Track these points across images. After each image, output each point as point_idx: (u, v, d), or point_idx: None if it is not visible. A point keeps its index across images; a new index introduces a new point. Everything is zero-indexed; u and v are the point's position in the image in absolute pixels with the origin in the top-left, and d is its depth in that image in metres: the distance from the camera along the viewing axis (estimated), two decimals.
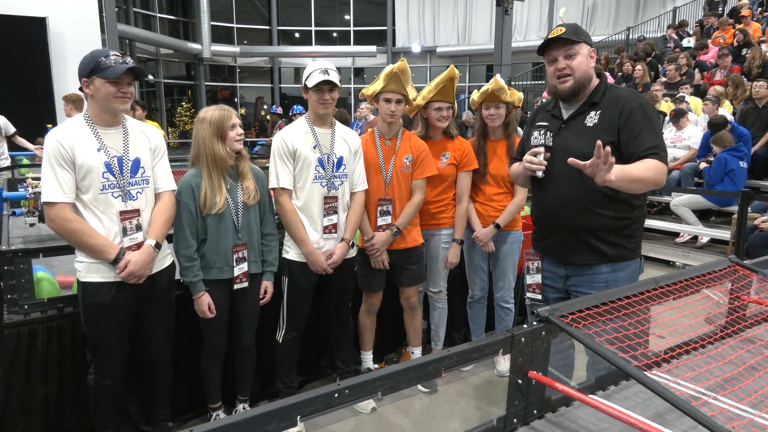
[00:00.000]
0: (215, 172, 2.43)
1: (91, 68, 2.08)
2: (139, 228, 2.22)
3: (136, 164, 2.22)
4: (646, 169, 1.86)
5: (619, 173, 1.77)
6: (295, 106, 9.21)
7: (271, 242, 2.65)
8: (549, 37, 2.04)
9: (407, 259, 2.99)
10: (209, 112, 2.44)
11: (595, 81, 2.08)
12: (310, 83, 2.57)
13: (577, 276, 2.14)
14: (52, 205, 2.06)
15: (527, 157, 2.08)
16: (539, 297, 2.41)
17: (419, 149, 2.97)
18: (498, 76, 3.13)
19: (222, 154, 2.42)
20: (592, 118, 2.03)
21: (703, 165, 6.04)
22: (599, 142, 1.69)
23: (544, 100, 8.16)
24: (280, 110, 12.00)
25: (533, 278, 2.48)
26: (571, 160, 1.78)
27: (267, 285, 2.63)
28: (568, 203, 2.05)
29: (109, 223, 2.16)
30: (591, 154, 1.76)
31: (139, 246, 2.20)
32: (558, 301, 2.16)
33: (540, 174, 2.06)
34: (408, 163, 2.94)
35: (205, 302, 2.45)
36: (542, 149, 2.06)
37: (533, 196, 2.31)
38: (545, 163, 2.05)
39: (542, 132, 2.11)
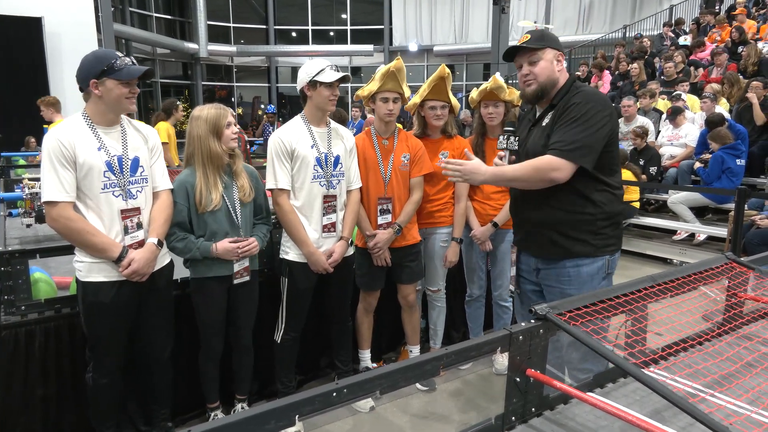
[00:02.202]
0: (210, 170, 2.42)
1: (102, 69, 2.08)
2: (140, 226, 2.23)
3: (136, 163, 2.22)
4: (524, 168, 2.03)
5: (491, 175, 2.07)
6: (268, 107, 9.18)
7: (262, 224, 2.64)
8: (512, 46, 2.17)
9: (406, 257, 3.00)
10: (204, 111, 2.44)
11: (561, 83, 2.14)
12: (326, 78, 2.53)
13: (545, 269, 2.21)
14: (54, 204, 2.05)
15: (495, 160, 2.21)
16: (511, 288, 2.58)
17: (416, 147, 2.98)
18: (497, 74, 3.14)
19: (218, 152, 2.42)
20: (548, 119, 2.13)
21: (697, 165, 6.06)
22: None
23: None
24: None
25: (512, 270, 2.66)
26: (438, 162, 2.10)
27: (252, 239, 2.53)
28: (528, 199, 2.17)
29: (110, 221, 2.16)
30: (545, 152, 2.02)
31: (140, 244, 2.21)
32: (534, 293, 2.28)
33: None
34: (406, 161, 2.95)
35: (225, 242, 2.41)
36: (506, 153, 2.19)
37: (510, 195, 2.42)
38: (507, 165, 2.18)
39: (507, 137, 2.20)
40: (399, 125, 3.07)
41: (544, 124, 2.13)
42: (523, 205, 2.22)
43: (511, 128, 2.22)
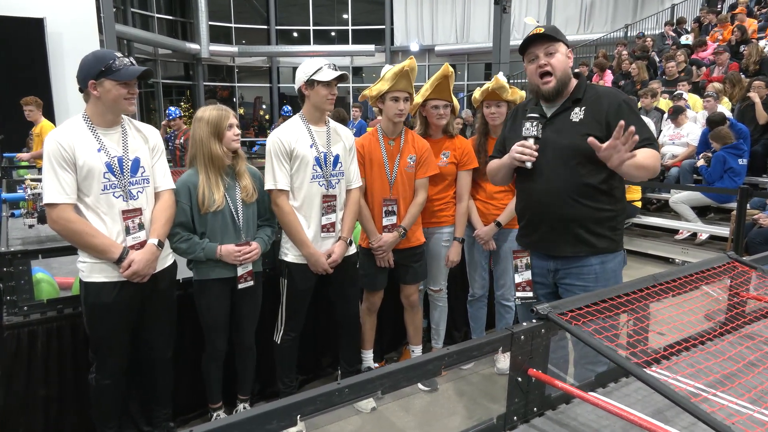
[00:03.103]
0: (212, 171, 2.43)
1: (100, 70, 2.08)
2: (141, 227, 2.23)
3: (136, 164, 2.23)
4: (647, 157, 1.97)
5: (629, 156, 1.87)
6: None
7: (266, 227, 2.65)
8: (530, 34, 2.10)
9: (411, 258, 3.00)
10: (207, 112, 2.45)
11: (574, 80, 2.15)
12: (323, 77, 2.52)
13: (565, 269, 2.17)
14: (54, 206, 2.06)
15: (516, 147, 2.12)
16: (530, 294, 2.42)
17: (422, 149, 2.97)
18: (500, 74, 3.14)
19: (219, 154, 2.42)
20: (577, 114, 2.09)
21: (700, 163, 6.05)
22: (622, 122, 1.79)
23: None
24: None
25: (522, 276, 2.44)
26: (590, 140, 1.87)
27: (255, 244, 2.54)
28: (556, 194, 2.09)
29: (112, 222, 2.16)
30: (581, 148, 1.95)
31: (142, 245, 2.21)
32: (548, 297, 2.21)
33: (529, 165, 2.10)
34: (412, 162, 2.94)
35: (229, 246, 2.43)
36: (533, 140, 2.10)
37: (518, 191, 2.32)
38: (536, 153, 2.09)
39: (534, 123, 2.12)
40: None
41: (575, 119, 2.07)
42: (549, 201, 2.11)
43: (536, 115, 2.14)
